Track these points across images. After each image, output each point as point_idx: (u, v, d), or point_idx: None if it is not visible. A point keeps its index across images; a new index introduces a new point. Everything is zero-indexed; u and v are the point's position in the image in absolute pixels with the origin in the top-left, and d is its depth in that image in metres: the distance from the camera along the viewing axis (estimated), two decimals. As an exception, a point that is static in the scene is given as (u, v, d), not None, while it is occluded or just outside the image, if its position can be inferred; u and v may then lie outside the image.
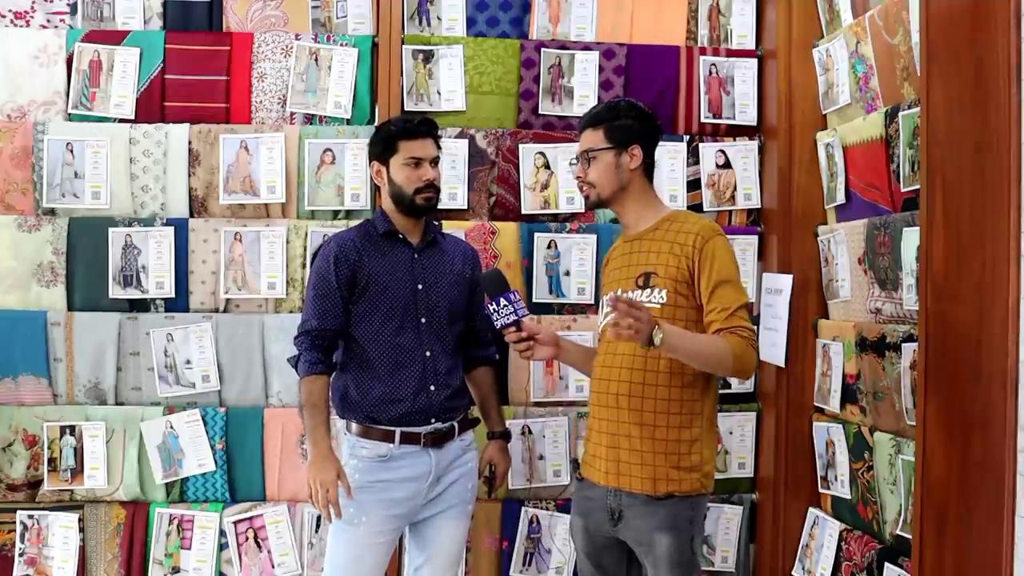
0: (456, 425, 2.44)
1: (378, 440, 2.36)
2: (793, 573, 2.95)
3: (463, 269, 2.51)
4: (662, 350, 2.00)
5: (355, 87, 3.08)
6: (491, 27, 3.18)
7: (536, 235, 3.06)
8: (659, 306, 2.18)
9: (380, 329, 2.38)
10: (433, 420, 2.39)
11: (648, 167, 2.32)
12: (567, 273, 3.08)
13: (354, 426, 2.40)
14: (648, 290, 2.20)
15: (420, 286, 2.42)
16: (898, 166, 2.47)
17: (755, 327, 2.22)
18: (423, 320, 2.41)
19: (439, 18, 3.16)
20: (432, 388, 2.39)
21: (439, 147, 2.47)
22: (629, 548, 2.25)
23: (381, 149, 2.44)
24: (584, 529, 2.30)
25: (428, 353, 2.40)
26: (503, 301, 2.26)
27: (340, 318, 2.39)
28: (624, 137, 2.27)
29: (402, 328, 2.38)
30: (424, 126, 2.43)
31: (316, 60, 3.07)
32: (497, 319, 2.28)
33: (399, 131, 2.41)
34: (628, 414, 2.18)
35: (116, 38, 3.03)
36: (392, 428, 2.36)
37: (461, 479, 2.46)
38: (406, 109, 3.06)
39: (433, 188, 2.42)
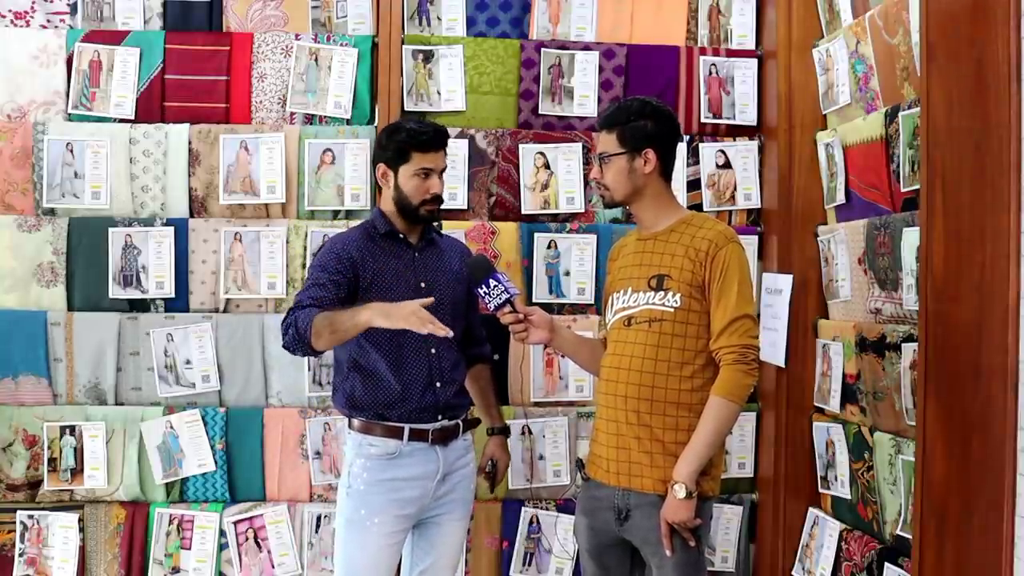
0: (460, 424, 2.45)
1: (386, 436, 2.35)
2: (793, 573, 2.94)
3: (461, 267, 2.50)
4: (699, 476, 2.12)
5: (355, 87, 3.07)
6: (491, 27, 3.17)
7: (536, 235, 3.06)
8: (672, 310, 2.17)
9: (384, 329, 2.36)
10: (440, 417, 2.39)
11: (665, 169, 2.27)
12: (567, 273, 3.08)
13: (361, 423, 2.39)
14: (661, 292, 2.19)
15: (423, 284, 2.41)
16: (898, 166, 2.47)
17: (755, 336, 2.19)
18: None
19: (439, 18, 3.16)
20: (439, 384, 2.39)
21: (446, 155, 2.46)
22: (633, 548, 2.25)
23: (392, 154, 2.40)
24: (588, 528, 2.30)
25: (433, 351, 2.39)
26: (492, 282, 2.24)
27: (335, 301, 2.29)
28: (637, 141, 2.23)
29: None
30: (439, 138, 2.41)
31: (316, 60, 3.07)
32: (490, 300, 2.25)
33: (414, 142, 2.38)
34: (637, 416, 2.17)
35: (116, 38, 3.03)
36: (400, 424, 2.36)
37: (464, 480, 2.46)
38: (406, 109, 3.06)
39: (438, 200, 2.42)
